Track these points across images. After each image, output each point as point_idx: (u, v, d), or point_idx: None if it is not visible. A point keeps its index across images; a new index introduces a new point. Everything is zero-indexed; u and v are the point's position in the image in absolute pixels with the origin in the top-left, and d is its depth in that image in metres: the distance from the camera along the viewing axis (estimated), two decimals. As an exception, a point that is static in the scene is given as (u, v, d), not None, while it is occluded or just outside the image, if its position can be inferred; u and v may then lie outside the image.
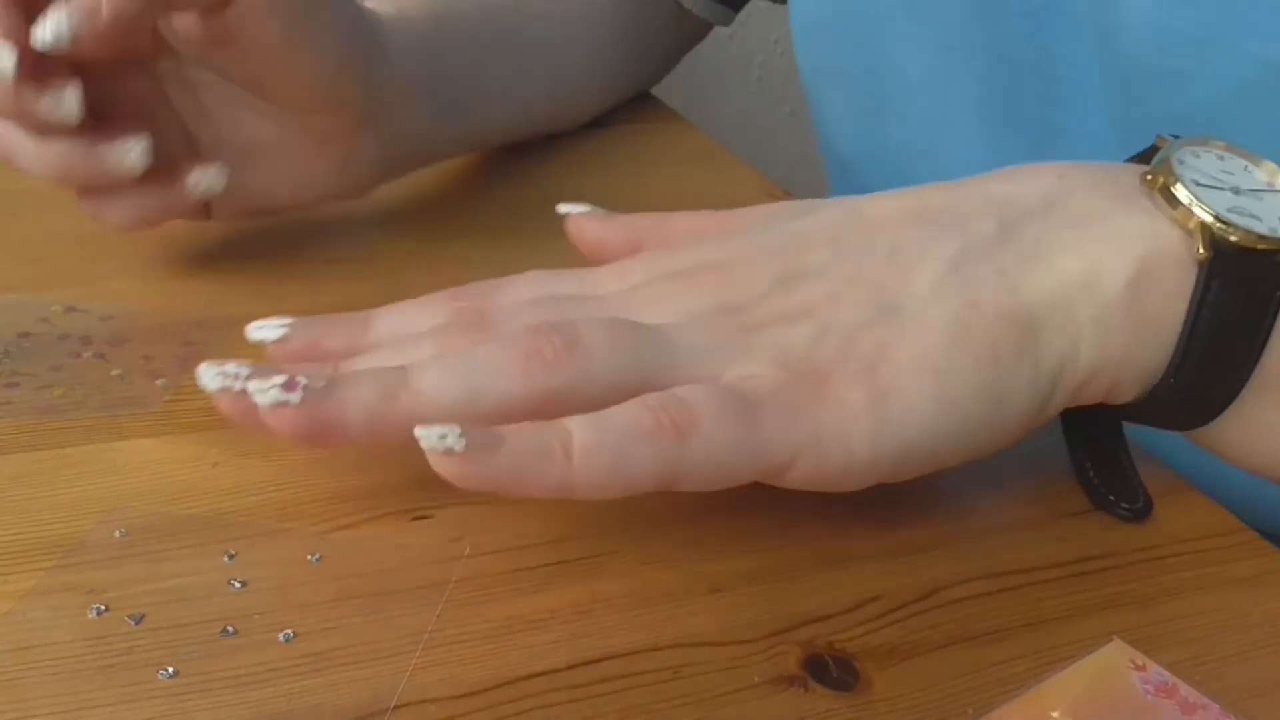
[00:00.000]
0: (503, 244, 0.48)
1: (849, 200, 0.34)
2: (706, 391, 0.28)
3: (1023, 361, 0.29)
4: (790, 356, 0.29)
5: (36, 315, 0.39)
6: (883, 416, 0.29)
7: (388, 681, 0.26)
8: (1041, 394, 0.30)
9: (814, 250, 0.32)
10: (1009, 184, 0.32)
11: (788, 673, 0.27)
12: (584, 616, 0.28)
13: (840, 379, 0.29)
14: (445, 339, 0.31)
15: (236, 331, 0.33)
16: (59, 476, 0.32)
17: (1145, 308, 0.29)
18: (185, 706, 0.25)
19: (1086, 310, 0.30)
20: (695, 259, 0.33)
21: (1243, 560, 0.32)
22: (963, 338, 0.29)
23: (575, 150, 0.60)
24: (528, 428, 0.27)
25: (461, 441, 0.26)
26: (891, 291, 0.30)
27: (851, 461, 0.29)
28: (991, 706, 0.26)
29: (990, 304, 0.30)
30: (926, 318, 0.30)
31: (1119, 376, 0.30)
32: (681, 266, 0.32)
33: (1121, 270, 0.29)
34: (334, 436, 0.28)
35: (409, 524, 0.31)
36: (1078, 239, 0.30)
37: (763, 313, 0.30)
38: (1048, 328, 0.30)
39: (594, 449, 0.27)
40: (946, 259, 0.30)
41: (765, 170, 0.59)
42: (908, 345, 0.29)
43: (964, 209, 0.32)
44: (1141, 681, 0.26)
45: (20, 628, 0.27)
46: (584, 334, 0.28)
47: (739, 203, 0.55)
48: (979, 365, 0.29)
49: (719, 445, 0.27)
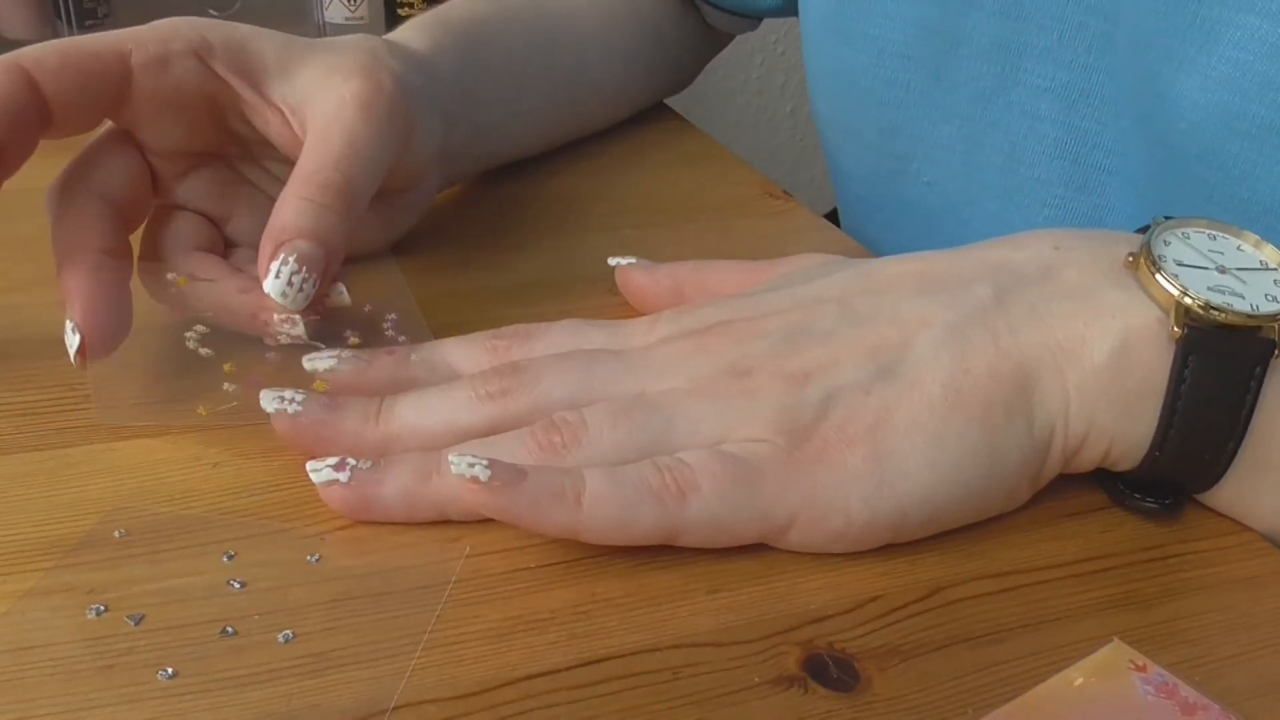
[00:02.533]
0: (503, 243, 0.48)
1: (862, 264, 0.36)
2: (709, 456, 0.30)
3: (1014, 419, 0.31)
4: (791, 420, 0.30)
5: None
6: (879, 479, 0.30)
7: (387, 682, 0.26)
8: (1037, 452, 0.31)
9: (822, 312, 0.33)
10: (1008, 251, 0.34)
11: (788, 673, 0.27)
12: (584, 617, 0.28)
13: (838, 442, 0.30)
14: (478, 401, 0.33)
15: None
16: (59, 476, 0.32)
17: (1128, 380, 0.30)
18: (185, 706, 0.25)
19: (1073, 377, 0.31)
20: (714, 318, 0.34)
21: (1243, 561, 0.32)
22: (956, 400, 0.30)
23: (576, 150, 0.60)
24: (548, 470, 0.29)
25: (487, 472, 0.28)
26: (891, 355, 0.31)
27: (849, 523, 0.30)
28: (991, 706, 0.26)
29: (983, 366, 0.31)
30: (922, 381, 0.31)
31: (1111, 445, 0.31)
32: (699, 325, 0.34)
33: (1105, 342, 0.31)
34: (375, 511, 0.31)
35: (409, 524, 0.31)
36: (1068, 309, 0.31)
37: (767, 374, 0.31)
38: (1039, 389, 0.31)
39: (602, 500, 0.29)
40: (944, 324, 0.32)
41: (765, 170, 0.59)
42: (904, 409, 0.30)
43: (965, 275, 0.33)
44: (1142, 682, 0.26)
45: (20, 628, 0.27)
46: (589, 423, 0.31)
47: (738, 202, 0.55)
48: (971, 426, 0.30)
49: (717, 507, 0.29)
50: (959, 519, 0.31)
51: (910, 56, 0.49)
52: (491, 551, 0.30)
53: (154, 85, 0.37)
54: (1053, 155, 0.46)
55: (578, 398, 0.32)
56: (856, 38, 0.50)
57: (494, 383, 0.33)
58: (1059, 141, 0.45)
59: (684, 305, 0.36)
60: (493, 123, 0.51)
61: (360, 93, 0.38)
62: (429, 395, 0.33)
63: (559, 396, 0.32)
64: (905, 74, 0.49)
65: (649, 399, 0.31)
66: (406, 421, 0.32)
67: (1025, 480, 0.31)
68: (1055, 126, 0.45)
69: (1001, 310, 0.32)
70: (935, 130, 0.49)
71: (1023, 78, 0.46)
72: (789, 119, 1.40)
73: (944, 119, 0.49)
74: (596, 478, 0.29)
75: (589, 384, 0.32)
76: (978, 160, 0.48)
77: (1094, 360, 0.31)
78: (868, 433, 0.30)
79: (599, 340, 0.35)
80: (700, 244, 0.50)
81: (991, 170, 0.48)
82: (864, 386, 0.31)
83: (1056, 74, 0.45)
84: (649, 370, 0.33)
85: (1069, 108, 0.45)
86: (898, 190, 0.53)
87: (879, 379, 0.31)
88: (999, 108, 0.47)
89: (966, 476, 0.30)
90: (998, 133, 0.47)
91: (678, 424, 0.31)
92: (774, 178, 0.58)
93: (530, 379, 0.33)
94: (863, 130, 0.53)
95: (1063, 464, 0.32)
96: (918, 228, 0.52)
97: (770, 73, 1.37)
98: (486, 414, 0.32)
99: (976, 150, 0.48)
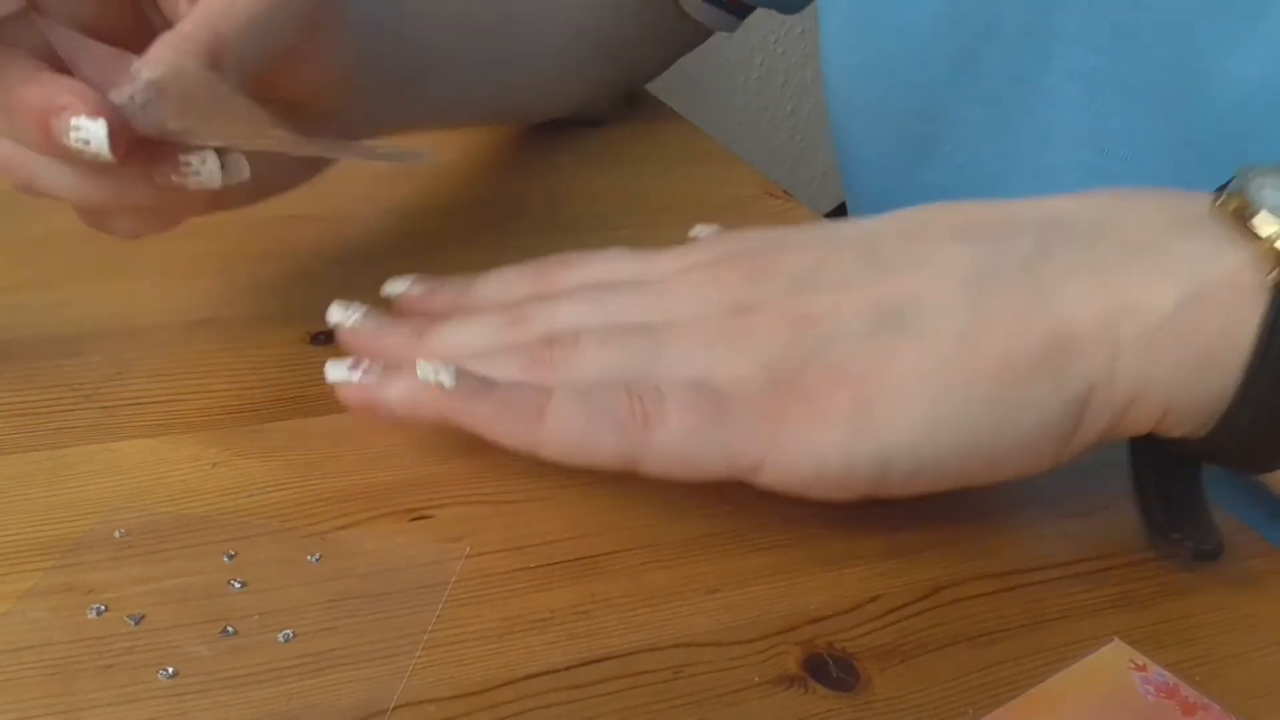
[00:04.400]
0: (504, 242, 0.48)
1: (910, 210, 0.34)
2: (684, 388, 0.30)
3: (1036, 376, 0.28)
4: (779, 361, 0.30)
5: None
6: (861, 426, 0.29)
7: (387, 681, 0.26)
8: (1066, 412, 0.29)
9: (845, 254, 0.32)
10: (1065, 203, 0.32)
11: (788, 673, 0.27)
12: (584, 616, 0.28)
13: (825, 387, 0.29)
14: (499, 327, 0.34)
15: (245, 329, 0.33)
16: (58, 476, 0.32)
17: (1201, 334, 0.28)
18: (185, 706, 0.25)
19: (1129, 329, 0.28)
20: (739, 248, 0.34)
21: (1243, 560, 0.32)
22: (968, 352, 0.29)
23: (576, 148, 0.60)
24: (517, 384, 0.30)
25: (452, 380, 0.30)
26: (905, 305, 0.30)
27: (823, 468, 0.29)
28: (991, 706, 0.26)
29: (1008, 318, 0.29)
30: (934, 330, 0.29)
31: (1170, 405, 0.29)
32: (724, 254, 0.34)
33: (1171, 293, 0.28)
34: (380, 411, 0.31)
35: (409, 524, 0.31)
36: (1123, 262, 0.29)
37: (770, 315, 0.31)
38: (1077, 347, 0.28)
39: (564, 418, 0.29)
40: (972, 274, 0.30)
41: (765, 170, 0.59)
42: (905, 357, 0.29)
43: (1008, 227, 0.31)
44: (1142, 682, 0.26)
45: (19, 628, 0.27)
46: (581, 343, 0.31)
47: (738, 202, 0.55)
48: (980, 379, 0.29)
49: (682, 439, 0.29)
50: (961, 476, 0.30)
51: (939, 43, 0.48)
52: (491, 551, 0.30)
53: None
54: (1079, 140, 0.46)
55: (588, 325, 0.32)
56: (884, 27, 0.50)
57: (515, 310, 0.34)
58: (1084, 127, 0.45)
59: (724, 233, 0.36)
60: (425, 67, 0.49)
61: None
62: (463, 322, 0.34)
63: (570, 324, 0.33)
64: (934, 60, 0.49)
65: (647, 328, 0.32)
66: (435, 345, 0.34)
67: (1048, 442, 0.29)
68: (1081, 112, 0.45)
69: (1045, 262, 0.30)
70: (965, 113, 0.49)
71: (1053, 63, 0.45)
72: (789, 119, 1.40)
73: (974, 103, 0.49)
74: (563, 395, 0.29)
75: (602, 312, 0.33)
76: (1008, 143, 0.48)
77: (1152, 315, 0.28)
78: (858, 378, 0.29)
79: (628, 271, 0.35)
80: (700, 244, 0.50)
81: (1022, 153, 0.48)
82: (866, 333, 0.30)
83: (1084, 59, 0.44)
84: (659, 301, 0.33)
85: (1093, 94, 0.45)
86: (927, 175, 0.52)
87: (884, 328, 0.30)
88: (1030, 92, 0.47)
89: (969, 433, 0.29)
90: (1028, 117, 0.47)
91: (667, 354, 0.31)
92: (774, 178, 0.58)
93: (548, 307, 0.34)
94: (890, 117, 0.53)
95: (1108, 426, 0.29)
96: None
97: (770, 73, 1.37)
98: (504, 338, 0.33)
99: (1007, 133, 0.48)
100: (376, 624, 0.27)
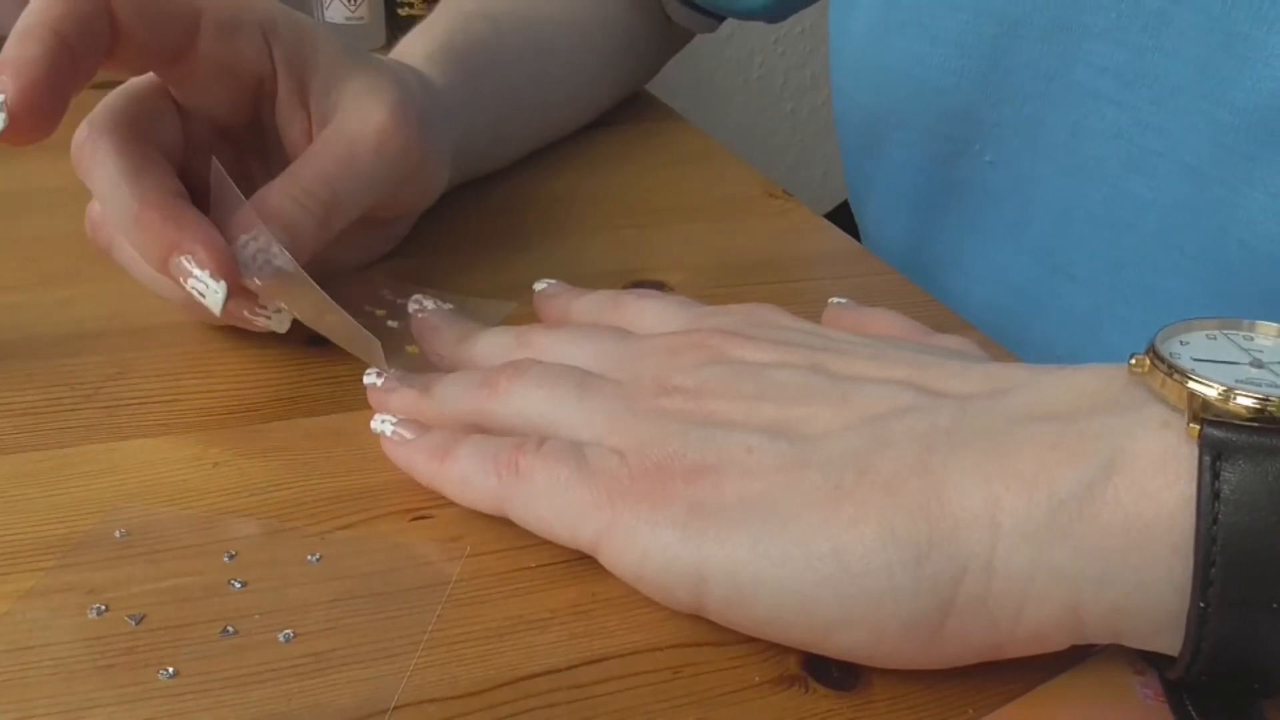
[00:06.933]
0: (503, 243, 0.48)
1: (882, 341, 0.32)
2: (564, 451, 0.29)
3: (890, 541, 0.25)
4: (655, 446, 0.29)
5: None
6: (690, 531, 0.27)
7: (388, 681, 0.26)
8: (922, 593, 0.25)
9: (788, 361, 0.31)
10: (1020, 375, 0.28)
11: (788, 673, 0.27)
12: (584, 616, 0.28)
13: (676, 482, 0.28)
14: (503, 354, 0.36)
15: (245, 329, 0.33)
16: (58, 476, 0.32)
17: (1116, 514, 0.23)
18: (185, 706, 0.25)
19: (1012, 510, 0.24)
20: (717, 324, 0.34)
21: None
22: (827, 496, 0.26)
23: (576, 150, 0.60)
24: (440, 431, 0.32)
25: (392, 429, 0.32)
26: (804, 427, 0.28)
27: (643, 564, 0.27)
28: (991, 706, 0.26)
29: (885, 475, 0.26)
30: (809, 463, 0.27)
31: (1080, 604, 0.24)
32: (697, 326, 0.34)
33: (1073, 471, 0.24)
34: (414, 472, 0.32)
35: (409, 524, 0.31)
36: (1029, 436, 0.25)
37: (687, 400, 0.30)
38: (952, 524, 0.25)
39: (456, 460, 0.31)
40: (882, 419, 0.27)
41: (765, 170, 0.59)
42: (767, 481, 0.27)
43: (954, 382, 0.28)
44: (1141, 686, 0.26)
45: (20, 628, 0.27)
46: (524, 378, 0.32)
47: (739, 202, 0.55)
48: (824, 528, 0.26)
49: (539, 502, 0.29)
50: (785, 624, 0.26)
51: (966, 42, 0.49)
52: (491, 551, 0.30)
53: (217, 48, 0.37)
54: (1111, 134, 0.46)
55: (546, 362, 0.33)
56: (909, 27, 0.50)
57: (514, 348, 0.35)
58: (1116, 122, 0.45)
59: (714, 310, 0.36)
60: (480, 149, 0.52)
61: (383, 126, 0.39)
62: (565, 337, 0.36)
63: (540, 355, 0.34)
64: (962, 59, 0.49)
65: (583, 379, 0.32)
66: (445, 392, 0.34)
67: (898, 623, 0.25)
68: (1113, 106, 0.45)
69: (956, 427, 0.26)
70: (995, 112, 0.49)
71: (1083, 57, 0.45)
72: (789, 119, 1.40)
73: (1004, 100, 0.49)
74: (468, 442, 0.31)
75: (575, 354, 0.34)
76: (1041, 138, 0.48)
77: (1049, 495, 0.24)
78: (711, 486, 0.27)
79: (647, 323, 0.36)
80: (700, 244, 0.50)
81: (1055, 148, 0.48)
82: (748, 446, 0.28)
83: (1114, 54, 0.44)
84: (622, 358, 0.33)
85: (1125, 88, 0.45)
86: (958, 173, 0.52)
87: (771, 445, 0.28)
88: (1061, 88, 0.47)
89: (796, 576, 0.25)
90: (1060, 112, 0.47)
91: (578, 410, 0.31)
92: (774, 178, 0.58)
93: (539, 349, 0.35)
94: (917, 120, 0.53)
95: (997, 621, 0.25)
96: (979, 204, 0.52)
97: (770, 73, 1.37)
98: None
99: (1039, 129, 0.48)
100: (377, 624, 0.27)
